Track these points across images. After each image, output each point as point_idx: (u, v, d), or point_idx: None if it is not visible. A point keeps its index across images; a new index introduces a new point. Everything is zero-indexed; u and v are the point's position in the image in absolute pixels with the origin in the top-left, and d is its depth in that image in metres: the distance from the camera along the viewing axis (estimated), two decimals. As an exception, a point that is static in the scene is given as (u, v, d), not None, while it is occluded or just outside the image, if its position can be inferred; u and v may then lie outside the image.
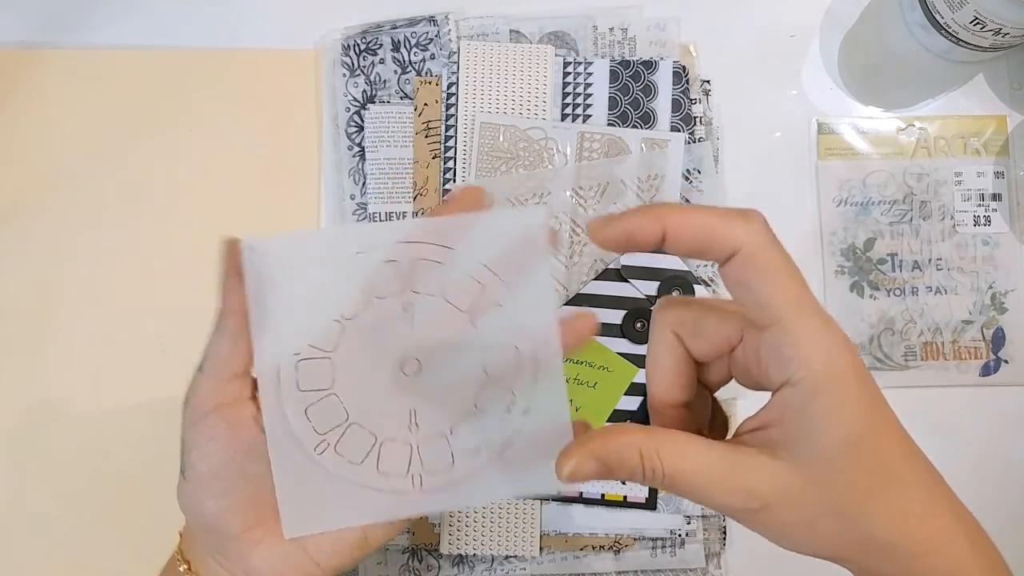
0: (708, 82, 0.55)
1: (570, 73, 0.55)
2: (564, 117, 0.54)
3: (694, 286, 0.52)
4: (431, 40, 0.55)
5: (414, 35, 0.55)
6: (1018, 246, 0.55)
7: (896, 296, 0.54)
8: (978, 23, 0.51)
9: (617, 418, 0.52)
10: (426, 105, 0.54)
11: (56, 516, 0.51)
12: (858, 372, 0.27)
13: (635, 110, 0.54)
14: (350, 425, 0.33)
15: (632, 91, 0.54)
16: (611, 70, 0.55)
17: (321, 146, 0.55)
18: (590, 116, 0.54)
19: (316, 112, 0.55)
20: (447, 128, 0.54)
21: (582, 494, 0.51)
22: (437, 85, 0.54)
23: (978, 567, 0.28)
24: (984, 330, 0.54)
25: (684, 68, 0.55)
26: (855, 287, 0.55)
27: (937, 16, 0.54)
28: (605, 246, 0.29)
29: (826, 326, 0.27)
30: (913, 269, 0.55)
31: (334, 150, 0.55)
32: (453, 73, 0.54)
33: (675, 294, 0.52)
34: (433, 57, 0.55)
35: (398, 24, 0.55)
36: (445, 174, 0.54)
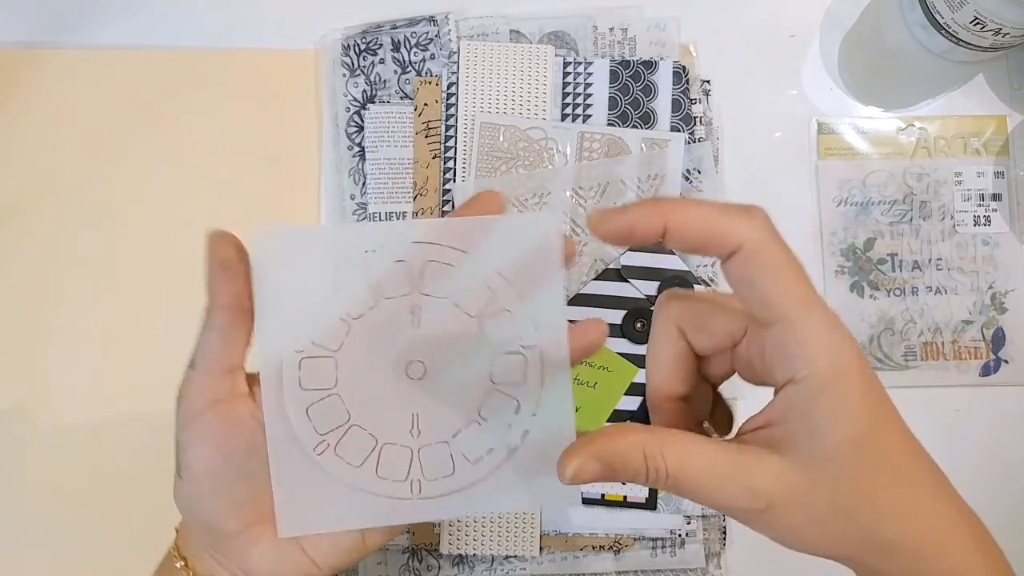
0: (708, 82, 0.55)
1: (570, 73, 0.55)
2: (564, 117, 0.54)
3: (694, 286, 0.52)
4: (431, 40, 0.55)
5: (414, 35, 0.55)
6: (1018, 246, 0.55)
7: (896, 296, 0.54)
8: (978, 23, 0.51)
9: (617, 418, 0.52)
10: (426, 105, 0.54)
11: (56, 516, 0.51)
12: (863, 370, 0.27)
13: (635, 110, 0.54)
14: (351, 427, 0.32)
15: (632, 91, 0.54)
16: (611, 70, 0.54)
17: (321, 146, 0.55)
18: (590, 116, 0.54)
19: (316, 112, 0.55)
20: (447, 128, 0.54)
21: (582, 494, 0.51)
22: (437, 85, 0.54)
23: (984, 568, 0.27)
24: (984, 330, 0.54)
25: (684, 68, 0.55)
26: (855, 287, 0.55)
27: (937, 16, 0.54)
28: (605, 238, 0.28)
29: (831, 324, 0.27)
30: (913, 269, 0.55)
31: (334, 150, 0.55)
32: (453, 73, 0.54)
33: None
34: (433, 57, 0.55)
35: (398, 24, 0.55)
36: (445, 174, 0.54)
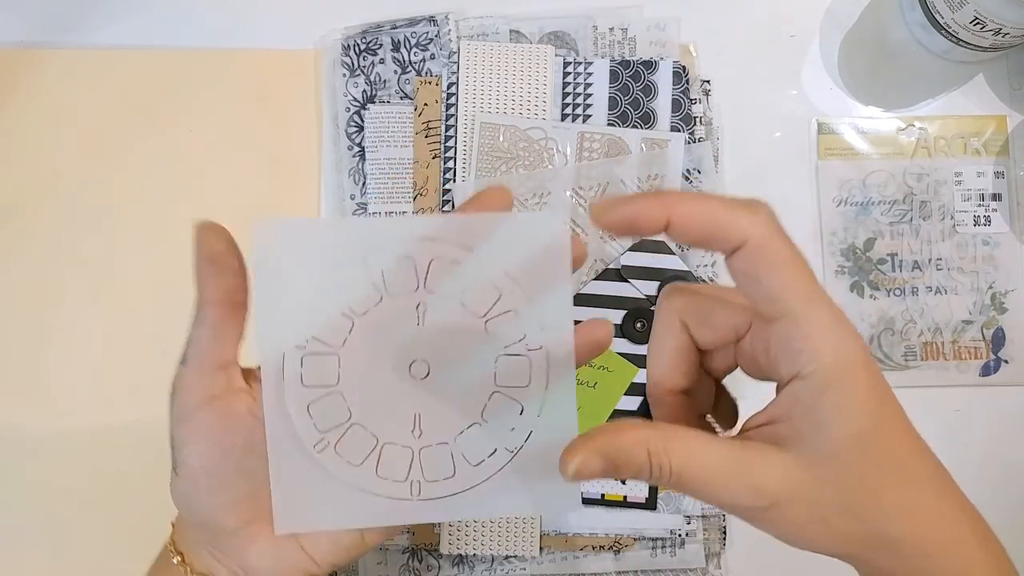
0: (708, 82, 0.55)
1: (570, 73, 0.55)
2: (564, 117, 0.54)
3: (694, 286, 0.52)
4: (431, 40, 0.55)
5: (414, 35, 0.55)
6: (1018, 246, 0.55)
7: (896, 296, 0.54)
8: (978, 23, 0.51)
9: (617, 418, 0.51)
10: (426, 105, 0.54)
11: (56, 516, 0.51)
12: (869, 366, 0.27)
13: (635, 110, 0.54)
14: (352, 425, 0.32)
15: (632, 91, 0.54)
16: (611, 70, 0.54)
17: (321, 146, 0.55)
18: (590, 116, 0.54)
19: (316, 112, 0.55)
20: (447, 128, 0.54)
21: (582, 494, 0.51)
22: (437, 85, 0.54)
23: (987, 566, 0.27)
24: (984, 330, 0.54)
25: (684, 68, 0.55)
26: (855, 287, 0.55)
27: (937, 16, 0.54)
28: (607, 228, 0.27)
29: (837, 319, 0.27)
30: (913, 269, 0.55)
31: (334, 150, 0.55)
32: (453, 73, 0.54)
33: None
34: (433, 57, 0.55)
35: (398, 24, 0.55)
36: (445, 174, 0.54)
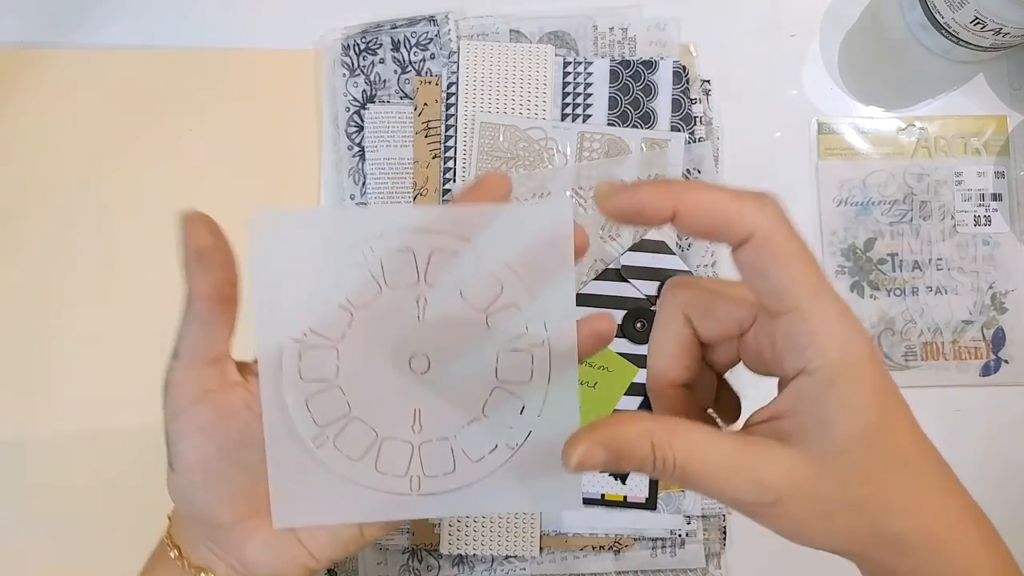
0: (708, 82, 0.55)
1: (570, 73, 0.55)
2: (564, 117, 0.54)
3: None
4: (431, 40, 0.55)
5: (414, 35, 0.55)
6: (1018, 246, 0.55)
7: (896, 296, 0.54)
8: (978, 23, 0.51)
9: (617, 418, 0.51)
10: (426, 105, 0.54)
11: (56, 516, 0.51)
12: (875, 362, 0.27)
13: (635, 110, 0.54)
14: (351, 419, 0.32)
15: (632, 91, 0.54)
16: (611, 70, 0.54)
17: (321, 146, 0.55)
18: (590, 116, 0.54)
19: (316, 112, 0.55)
20: (447, 128, 0.54)
21: (582, 494, 0.51)
22: (437, 85, 0.54)
23: (990, 564, 0.27)
24: (984, 330, 0.54)
25: (684, 68, 0.55)
26: (855, 287, 0.55)
27: (937, 16, 0.54)
28: (612, 215, 0.27)
29: (843, 314, 0.26)
30: (913, 269, 0.55)
31: (334, 150, 0.55)
32: (453, 73, 0.54)
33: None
34: (433, 57, 0.55)
35: (398, 24, 0.55)
36: (445, 174, 0.54)
